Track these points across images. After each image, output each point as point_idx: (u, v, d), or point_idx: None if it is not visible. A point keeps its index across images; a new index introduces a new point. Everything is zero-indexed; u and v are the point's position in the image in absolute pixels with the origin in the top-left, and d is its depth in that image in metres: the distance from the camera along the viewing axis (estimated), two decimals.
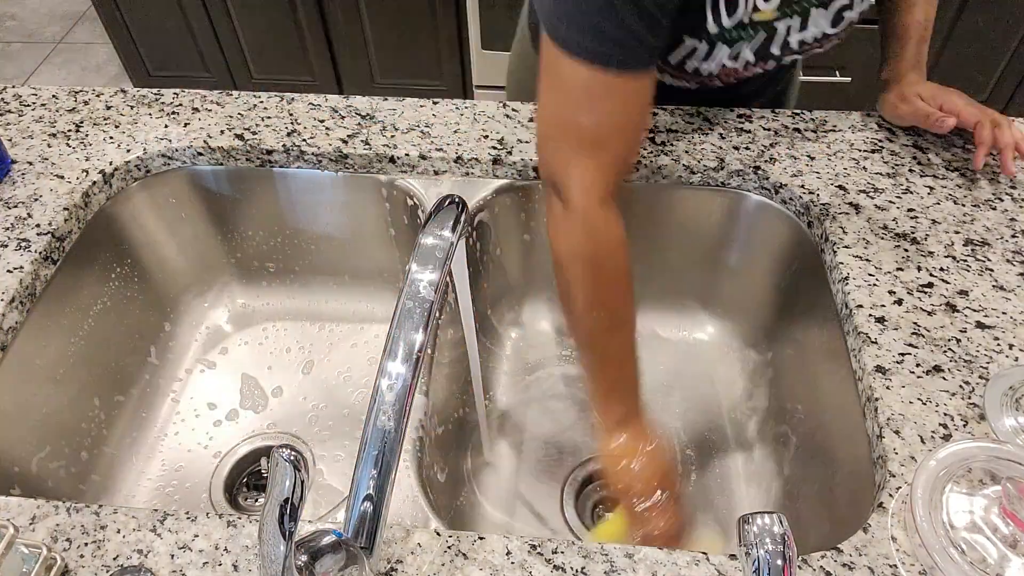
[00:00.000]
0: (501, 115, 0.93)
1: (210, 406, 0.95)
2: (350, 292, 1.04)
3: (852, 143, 0.89)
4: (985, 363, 0.67)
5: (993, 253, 0.76)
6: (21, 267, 0.77)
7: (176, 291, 1.00)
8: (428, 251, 0.51)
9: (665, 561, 0.56)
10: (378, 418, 0.47)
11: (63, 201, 0.83)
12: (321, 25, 2.04)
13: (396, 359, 0.48)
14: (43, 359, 0.79)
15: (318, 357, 1.00)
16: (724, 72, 0.79)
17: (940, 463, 0.56)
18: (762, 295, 0.93)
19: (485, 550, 0.57)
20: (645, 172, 0.87)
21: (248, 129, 0.92)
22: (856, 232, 0.79)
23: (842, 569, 0.56)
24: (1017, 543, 0.52)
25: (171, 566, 0.57)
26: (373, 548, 0.48)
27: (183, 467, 0.90)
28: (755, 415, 0.91)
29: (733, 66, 0.78)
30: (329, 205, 0.94)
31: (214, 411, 0.95)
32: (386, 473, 0.47)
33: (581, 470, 0.89)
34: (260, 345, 1.01)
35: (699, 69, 0.78)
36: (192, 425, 0.93)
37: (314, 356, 1.00)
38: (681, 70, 0.79)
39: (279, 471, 0.42)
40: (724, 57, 0.76)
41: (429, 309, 0.49)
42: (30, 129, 0.93)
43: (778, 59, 0.79)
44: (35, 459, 0.78)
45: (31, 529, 0.59)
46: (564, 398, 0.96)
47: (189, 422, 0.94)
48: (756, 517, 0.42)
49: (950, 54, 1.92)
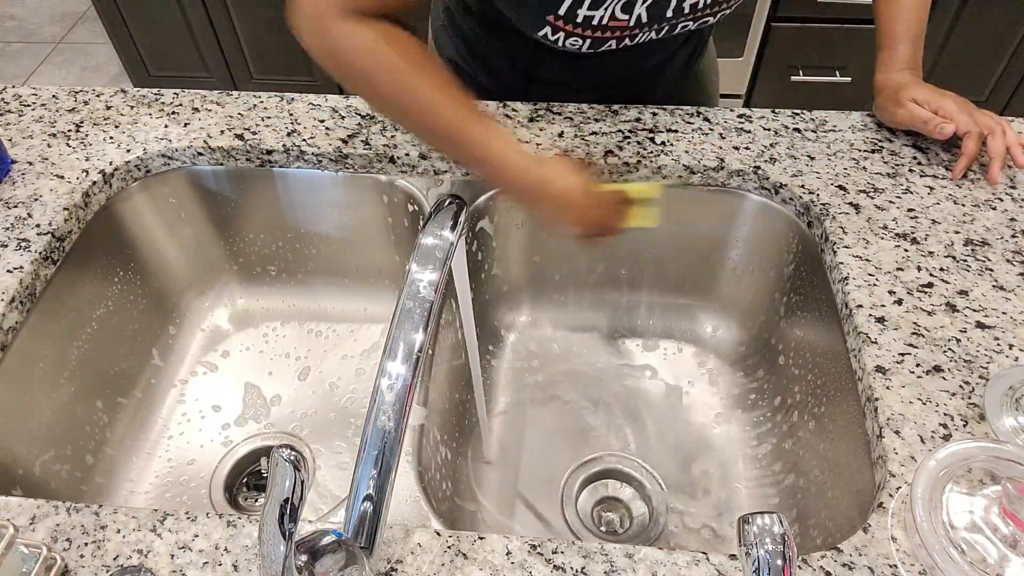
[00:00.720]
0: (501, 115, 0.93)
1: (210, 406, 0.95)
2: (350, 292, 1.04)
3: (852, 143, 0.89)
4: (985, 363, 0.67)
5: (993, 253, 0.76)
6: (21, 267, 0.77)
7: (176, 291, 1.00)
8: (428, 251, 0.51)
9: (665, 561, 0.56)
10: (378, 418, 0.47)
11: (63, 201, 0.83)
12: None
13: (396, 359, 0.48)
14: (43, 359, 0.79)
15: (318, 357, 1.00)
16: (617, 27, 0.78)
17: (940, 463, 0.56)
18: (762, 295, 0.93)
19: (485, 550, 0.57)
20: (645, 172, 0.87)
21: (248, 129, 0.92)
22: (856, 232, 0.79)
23: (842, 569, 0.56)
24: (1017, 543, 0.52)
25: (171, 566, 0.57)
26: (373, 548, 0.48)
27: (183, 467, 0.90)
28: (755, 414, 0.91)
29: (624, 18, 0.76)
30: (329, 205, 0.94)
31: (214, 411, 0.95)
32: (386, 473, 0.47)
33: (581, 470, 0.89)
34: (260, 345, 1.01)
35: (590, 19, 0.76)
36: (192, 425, 0.93)
37: (314, 356, 1.00)
38: (571, 22, 0.77)
39: (279, 471, 0.42)
40: (616, 7, 0.75)
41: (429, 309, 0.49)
42: (30, 129, 0.93)
43: (671, 23, 0.79)
44: (35, 459, 0.78)
45: (31, 529, 0.59)
46: (564, 398, 0.96)
47: (189, 422, 0.94)
48: (756, 517, 0.42)
49: (950, 54, 1.92)
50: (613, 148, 0.88)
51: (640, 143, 0.89)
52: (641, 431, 0.92)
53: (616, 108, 0.93)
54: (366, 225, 0.96)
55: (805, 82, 2.00)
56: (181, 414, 0.94)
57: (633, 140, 0.89)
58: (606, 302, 1.01)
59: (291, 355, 1.00)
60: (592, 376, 0.98)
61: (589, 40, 0.79)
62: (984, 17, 1.84)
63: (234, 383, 0.98)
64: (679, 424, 0.93)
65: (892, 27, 0.88)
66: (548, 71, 0.94)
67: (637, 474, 0.88)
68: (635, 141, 0.89)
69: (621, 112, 0.92)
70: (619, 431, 0.92)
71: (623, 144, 0.88)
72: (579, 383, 0.97)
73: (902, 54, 0.87)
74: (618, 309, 1.02)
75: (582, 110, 0.93)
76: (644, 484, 0.88)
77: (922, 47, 0.88)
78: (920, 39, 0.88)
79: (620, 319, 1.02)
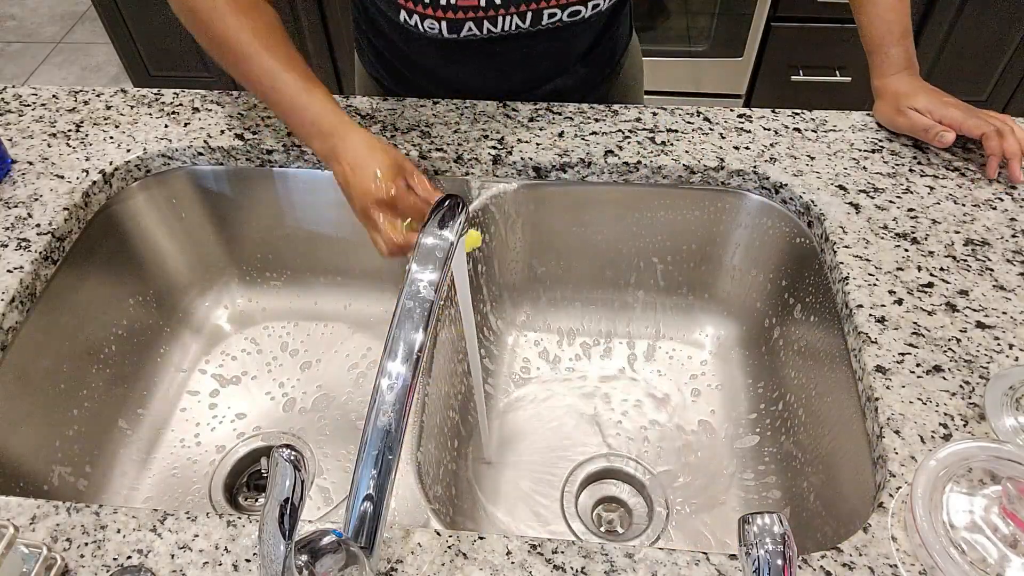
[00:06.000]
0: (501, 115, 0.93)
1: (210, 406, 0.95)
2: (350, 292, 1.04)
3: (852, 143, 0.89)
4: (985, 363, 0.67)
5: (993, 253, 0.76)
6: (21, 267, 0.77)
7: (176, 291, 1.00)
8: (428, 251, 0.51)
9: (665, 561, 0.56)
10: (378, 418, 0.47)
11: (63, 201, 0.83)
12: (321, 25, 2.04)
13: (396, 359, 0.48)
14: (43, 359, 0.79)
15: (318, 357, 1.00)
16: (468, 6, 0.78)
17: (940, 463, 0.56)
18: (762, 295, 0.93)
19: (485, 550, 0.57)
20: (645, 172, 0.87)
21: (248, 129, 0.92)
22: (856, 232, 0.79)
23: (842, 569, 0.56)
24: (1017, 543, 0.52)
25: (171, 566, 0.57)
26: (373, 548, 0.48)
27: (183, 467, 0.90)
28: (755, 414, 0.91)
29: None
30: (329, 205, 0.94)
31: (214, 411, 0.95)
32: (386, 473, 0.47)
33: (581, 470, 0.89)
34: (260, 345, 1.01)
35: None
36: (192, 425, 0.93)
37: (314, 356, 1.00)
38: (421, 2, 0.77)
39: (279, 471, 0.42)
40: None
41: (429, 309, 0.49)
42: (30, 129, 0.93)
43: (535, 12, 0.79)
44: (35, 458, 0.78)
45: (31, 529, 0.59)
46: (564, 398, 0.96)
47: (189, 422, 0.94)
48: (756, 517, 0.42)
49: (950, 54, 1.92)
50: (613, 148, 0.88)
51: (640, 143, 0.89)
52: (641, 431, 0.92)
53: (616, 108, 0.93)
54: None
55: (805, 82, 2.00)
56: (181, 413, 0.94)
57: (633, 140, 0.89)
58: (606, 301, 1.01)
59: (291, 355, 1.00)
60: (592, 376, 0.98)
61: (445, 22, 0.79)
62: (984, 17, 1.84)
63: (234, 383, 0.98)
64: (679, 424, 0.93)
65: (877, 30, 0.87)
66: (435, 64, 0.95)
67: (637, 474, 0.88)
68: (635, 141, 0.89)
69: (621, 112, 0.92)
70: (619, 431, 0.92)
71: (623, 144, 0.88)
72: (579, 383, 0.97)
73: (895, 56, 0.87)
74: (618, 308, 1.02)
75: (582, 110, 0.93)
76: (644, 484, 0.88)
77: (912, 43, 0.88)
78: (908, 36, 0.88)
79: (620, 318, 1.02)
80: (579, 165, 0.87)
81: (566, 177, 0.89)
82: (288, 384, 0.98)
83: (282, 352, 1.01)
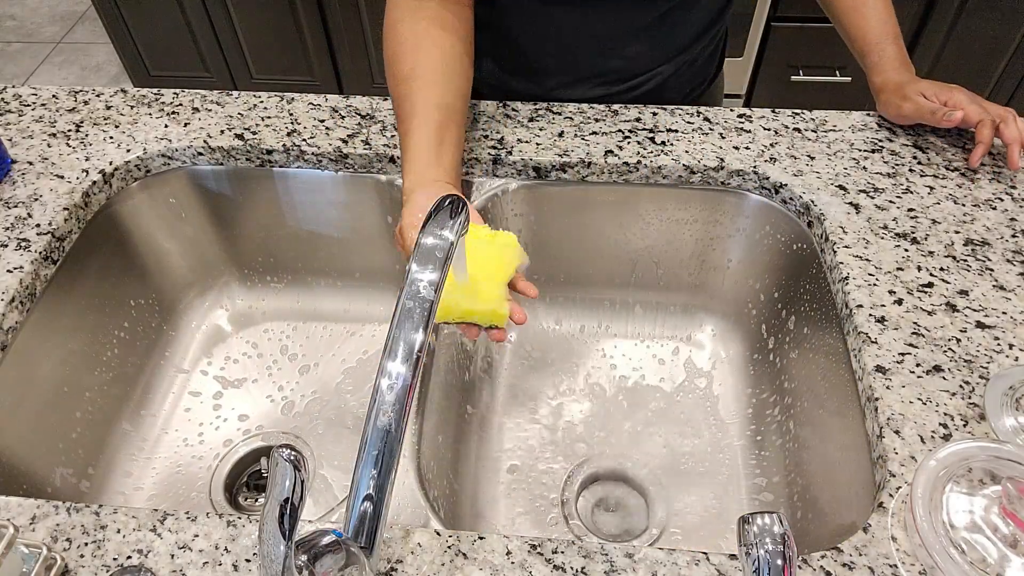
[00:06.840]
0: (501, 115, 0.93)
1: (210, 406, 0.95)
2: (350, 292, 1.04)
3: (852, 143, 0.89)
4: (985, 363, 0.67)
5: (993, 253, 0.76)
6: (21, 267, 0.77)
7: (176, 291, 1.00)
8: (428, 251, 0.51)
9: (665, 561, 0.56)
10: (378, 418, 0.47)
11: (63, 201, 0.83)
12: (321, 25, 2.04)
13: (396, 359, 0.48)
14: (43, 359, 0.79)
15: (318, 357, 1.00)
16: None
17: (940, 463, 0.56)
18: (762, 295, 0.93)
19: (485, 550, 0.57)
20: (645, 172, 0.87)
21: (248, 129, 0.92)
22: (856, 232, 0.79)
23: (842, 569, 0.56)
24: (1017, 543, 0.52)
25: (171, 566, 0.57)
26: (373, 548, 0.48)
27: (183, 467, 0.90)
28: (755, 415, 0.91)
29: None
30: (329, 205, 0.94)
31: (214, 411, 0.95)
32: (386, 473, 0.47)
33: (581, 470, 0.89)
34: (260, 345, 1.01)
35: None
36: (192, 425, 0.93)
37: (314, 356, 1.00)
38: None
39: (279, 471, 0.42)
40: None
41: (429, 309, 0.49)
42: (30, 129, 0.93)
43: None
44: (35, 458, 0.78)
45: (31, 529, 0.59)
46: (565, 398, 0.96)
47: (189, 422, 0.94)
48: (756, 517, 0.42)
49: (950, 54, 1.92)
50: (613, 148, 0.88)
51: (640, 143, 0.89)
52: (641, 431, 0.92)
53: (616, 108, 0.93)
54: (366, 225, 0.96)
55: (805, 82, 2.00)
56: (181, 412, 0.94)
57: (633, 140, 0.89)
58: (606, 301, 1.01)
59: (291, 355, 1.00)
60: (592, 376, 0.98)
61: None
62: (984, 17, 1.84)
63: (234, 383, 0.98)
64: (679, 424, 0.93)
65: (870, 31, 0.88)
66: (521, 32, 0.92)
67: (637, 474, 0.88)
68: (635, 141, 0.89)
69: (621, 112, 0.92)
70: (619, 431, 0.92)
71: (623, 144, 0.88)
72: (579, 383, 0.97)
73: (891, 54, 0.87)
74: (617, 308, 1.02)
75: (582, 110, 0.93)
76: (644, 484, 0.88)
77: (904, 46, 0.88)
78: (900, 38, 0.88)
79: (620, 318, 1.02)
80: (579, 165, 0.87)
81: (566, 177, 0.89)
82: (288, 384, 0.98)
83: (282, 352, 1.01)
